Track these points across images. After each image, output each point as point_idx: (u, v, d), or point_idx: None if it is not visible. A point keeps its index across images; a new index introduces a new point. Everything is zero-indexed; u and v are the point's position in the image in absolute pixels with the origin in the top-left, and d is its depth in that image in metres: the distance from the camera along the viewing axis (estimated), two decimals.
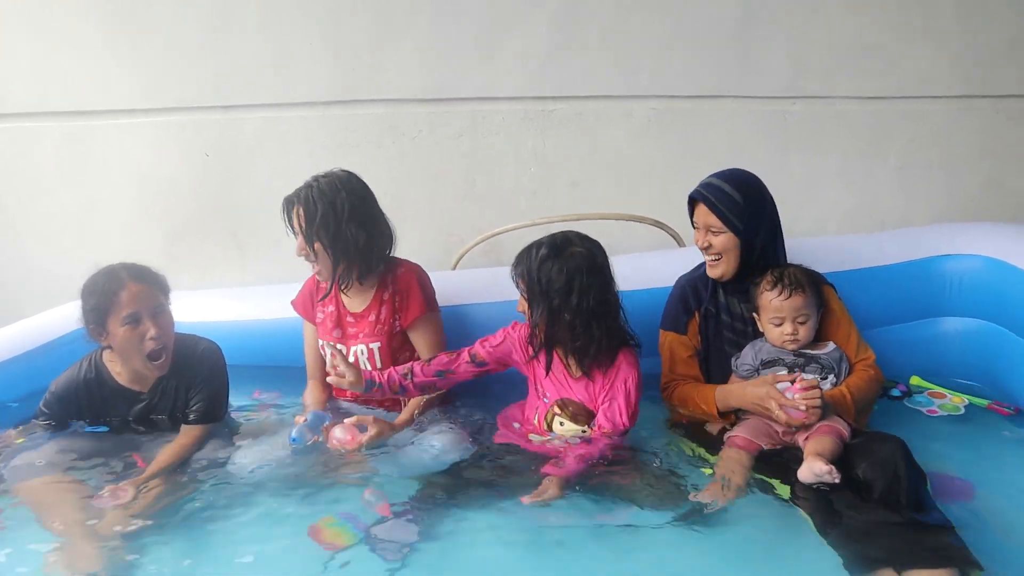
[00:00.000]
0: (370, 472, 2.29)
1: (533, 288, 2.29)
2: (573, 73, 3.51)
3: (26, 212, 3.72)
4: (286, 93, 3.55)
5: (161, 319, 2.40)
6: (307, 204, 2.50)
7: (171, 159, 3.64)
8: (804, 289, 2.35)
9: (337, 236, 2.51)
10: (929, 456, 2.17)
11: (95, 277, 2.38)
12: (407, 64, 3.50)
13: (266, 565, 1.96)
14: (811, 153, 3.56)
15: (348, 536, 2.02)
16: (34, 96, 3.60)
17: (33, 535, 2.02)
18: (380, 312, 2.62)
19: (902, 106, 3.54)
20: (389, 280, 2.65)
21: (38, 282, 3.71)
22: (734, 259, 2.44)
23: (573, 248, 2.30)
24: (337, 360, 2.34)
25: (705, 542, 1.96)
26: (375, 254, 2.59)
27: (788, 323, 2.35)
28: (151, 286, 2.40)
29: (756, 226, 2.43)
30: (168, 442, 2.41)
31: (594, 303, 2.26)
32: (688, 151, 3.56)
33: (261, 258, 3.72)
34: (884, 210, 3.62)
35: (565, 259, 2.27)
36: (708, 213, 2.43)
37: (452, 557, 1.96)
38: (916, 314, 2.98)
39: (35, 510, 2.13)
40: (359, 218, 2.53)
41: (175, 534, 2.06)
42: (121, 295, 2.33)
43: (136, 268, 2.42)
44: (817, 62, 3.48)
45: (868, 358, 2.45)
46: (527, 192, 3.63)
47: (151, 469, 2.27)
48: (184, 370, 2.48)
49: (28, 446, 2.38)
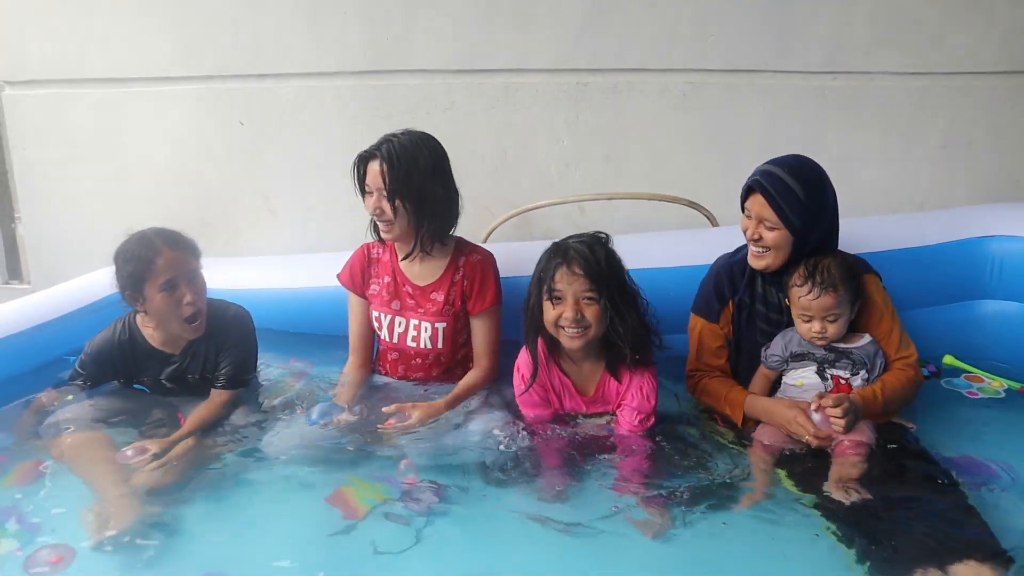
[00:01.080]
0: (407, 448, 2.30)
1: (601, 276, 2.19)
2: (608, 45, 3.46)
3: (62, 177, 3.77)
4: (319, 62, 3.55)
5: (196, 283, 2.45)
6: (390, 159, 2.44)
7: (205, 126, 3.66)
8: (836, 288, 2.21)
9: (421, 193, 2.47)
10: (965, 439, 2.14)
11: (128, 243, 2.41)
12: (440, 35, 3.48)
13: (288, 528, 2.00)
14: (850, 130, 3.48)
15: (374, 493, 2.05)
16: (70, 63, 3.63)
17: (71, 491, 2.07)
18: (450, 293, 2.58)
19: (945, 82, 3.45)
20: (462, 262, 2.60)
21: (73, 246, 3.77)
22: (783, 256, 2.29)
23: (599, 236, 2.29)
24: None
25: (727, 541, 1.94)
26: (451, 217, 2.58)
27: (817, 321, 2.24)
28: (185, 252, 2.44)
29: (814, 227, 2.26)
30: (199, 402, 2.45)
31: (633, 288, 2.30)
32: (723, 127, 3.50)
33: (293, 224, 3.75)
34: (924, 190, 3.54)
35: (606, 246, 2.26)
36: (765, 206, 2.25)
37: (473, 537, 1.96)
38: (954, 296, 2.93)
39: (72, 466, 2.18)
40: (440, 177, 2.51)
41: (204, 495, 2.10)
42: (157, 261, 2.36)
43: (170, 234, 2.45)
44: (859, 36, 3.40)
45: (909, 356, 2.31)
46: (559, 165, 3.60)
47: (179, 432, 2.31)
48: (215, 334, 2.52)
49: (67, 404, 2.43)
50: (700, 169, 3.54)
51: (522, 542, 1.92)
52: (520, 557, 1.88)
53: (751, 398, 2.35)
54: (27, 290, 3.81)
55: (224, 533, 1.97)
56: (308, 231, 3.73)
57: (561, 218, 3.59)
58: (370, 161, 2.49)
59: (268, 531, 1.99)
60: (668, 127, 3.54)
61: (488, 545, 1.93)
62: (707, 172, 3.52)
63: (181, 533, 1.94)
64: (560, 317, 2.20)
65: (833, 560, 1.82)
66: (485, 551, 1.91)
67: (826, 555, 1.84)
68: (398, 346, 2.64)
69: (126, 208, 3.75)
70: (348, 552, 1.90)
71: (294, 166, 3.68)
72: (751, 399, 2.35)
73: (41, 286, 3.44)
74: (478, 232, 3.41)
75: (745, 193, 2.35)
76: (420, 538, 1.91)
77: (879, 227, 2.94)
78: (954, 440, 2.04)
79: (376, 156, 2.47)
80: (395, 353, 2.67)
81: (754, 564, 1.86)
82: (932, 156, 3.51)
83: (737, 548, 1.91)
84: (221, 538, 1.95)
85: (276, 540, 1.95)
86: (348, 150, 3.55)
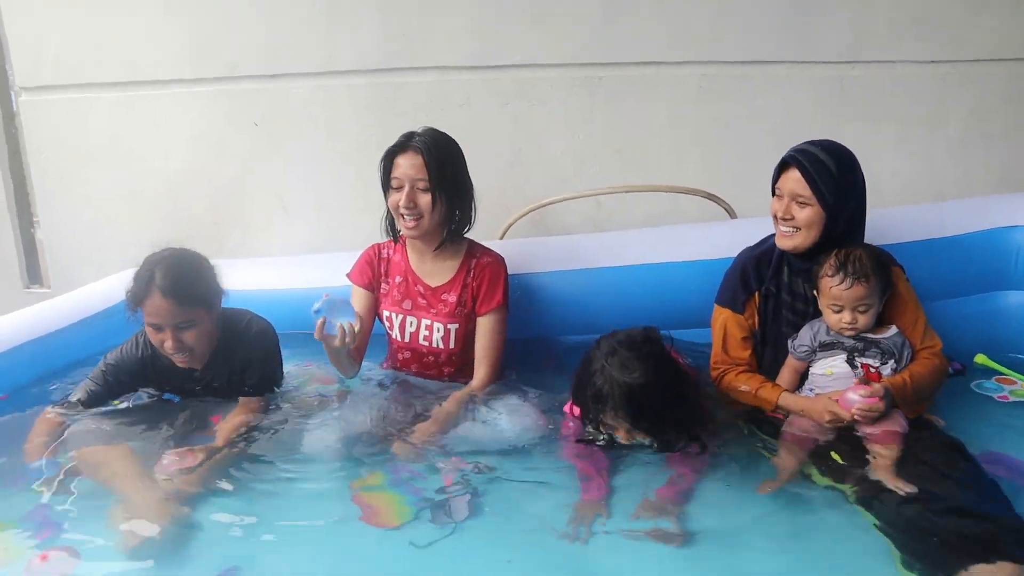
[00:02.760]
0: (434, 448, 2.27)
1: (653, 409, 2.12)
2: (622, 39, 3.44)
3: (79, 180, 3.80)
4: (333, 61, 3.55)
5: (184, 333, 2.30)
6: (428, 152, 2.44)
7: (220, 127, 3.67)
8: (868, 278, 2.20)
9: (455, 186, 2.51)
10: (995, 439, 2.11)
11: (144, 265, 2.30)
12: (454, 31, 3.47)
13: (311, 531, 1.98)
14: (869, 121, 3.44)
15: (402, 512, 2.01)
16: (86, 67, 3.65)
17: (101, 503, 2.04)
18: (462, 294, 2.57)
19: (966, 71, 3.40)
20: (474, 264, 2.60)
21: (92, 248, 3.80)
22: (814, 235, 2.29)
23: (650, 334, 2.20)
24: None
25: (763, 533, 1.91)
26: (472, 213, 2.61)
27: (847, 311, 2.23)
28: (179, 304, 2.26)
29: (844, 204, 2.27)
30: (231, 407, 2.41)
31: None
32: (740, 119, 3.47)
33: (307, 224, 3.75)
34: (944, 180, 3.50)
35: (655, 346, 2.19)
36: (800, 181, 2.26)
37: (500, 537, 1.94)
38: (977, 287, 2.88)
39: (98, 476, 2.14)
40: (466, 172, 2.57)
41: (226, 497, 2.08)
42: (147, 302, 2.26)
43: (173, 278, 2.25)
44: (878, 25, 3.36)
45: (934, 346, 2.30)
46: (575, 160, 3.59)
47: (216, 442, 2.26)
48: (236, 353, 2.45)
49: (89, 414, 2.39)
50: (717, 162, 3.51)
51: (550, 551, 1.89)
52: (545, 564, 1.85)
53: (784, 394, 2.33)
54: (48, 294, 3.84)
55: (244, 533, 1.95)
56: (322, 230, 3.73)
57: (577, 214, 3.57)
58: (401, 154, 2.48)
59: (289, 532, 1.97)
60: (684, 120, 3.51)
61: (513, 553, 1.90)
62: (724, 165, 3.49)
63: (202, 533, 1.93)
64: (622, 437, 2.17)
65: (875, 551, 1.81)
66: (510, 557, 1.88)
67: (868, 545, 1.83)
68: (410, 345, 2.63)
69: (143, 209, 3.78)
70: (371, 556, 1.88)
71: (308, 166, 3.68)
72: (784, 395, 2.33)
73: (61, 290, 3.46)
74: (494, 229, 3.40)
75: (778, 171, 2.35)
76: (448, 547, 1.88)
77: (901, 218, 2.89)
78: (984, 440, 2.01)
79: (410, 149, 2.47)
80: (407, 352, 2.66)
81: (794, 554, 1.85)
82: (953, 145, 3.47)
83: (774, 539, 1.89)
84: (240, 537, 1.93)
85: (296, 541, 1.94)
86: (362, 149, 3.59)
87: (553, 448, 2.28)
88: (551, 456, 2.26)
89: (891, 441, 2.09)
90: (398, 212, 2.51)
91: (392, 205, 2.52)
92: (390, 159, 2.50)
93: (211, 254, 3.61)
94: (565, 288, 2.92)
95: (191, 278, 2.30)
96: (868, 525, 1.88)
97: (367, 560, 1.88)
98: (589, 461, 2.18)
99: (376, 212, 2.64)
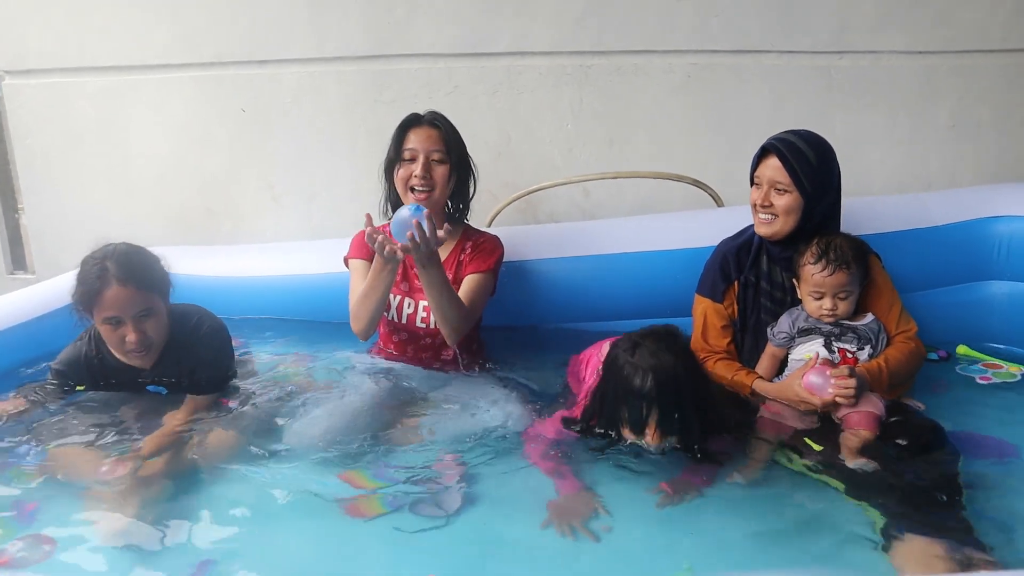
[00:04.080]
0: (425, 437, 2.27)
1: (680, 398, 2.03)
2: (611, 27, 3.43)
3: (64, 167, 3.77)
4: (321, 48, 3.53)
5: (146, 323, 2.24)
6: (444, 125, 2.53)
7: (207, 114, 3.65)
8: (850, 266, 2.24)
9: (463, 161, 2.58)
10: (976, 419, 2.13)
11: (88, 261, 2.24)
12: (442, 18, 3.45)
13: (291, 522, 1.97)
14: (857, 110, 3.45)
15: (383, 503, 1.99)
16: (70, 51, 3.62)
17: (70, 503, 2.02)
18: (457, 272, 2.57)
19: (953, 61, 3.41)
20: (469, 245, 2.61)
21: (76, 235, 3.72)
22: (792, 222, 2.32)
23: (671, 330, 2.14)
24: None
25: (747, 514, 1.93)
26: (472, 193, 2.68)
27: (828, 298, 2.26)
28: (138, 290, 2.20)
29: (822, 193, 2.32)
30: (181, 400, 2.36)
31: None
32: (729, 107, 3.47)
33: (297, 211, 3.74)
34: (932, 170, 3.51)
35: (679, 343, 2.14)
36: (779, 168, 2.30)
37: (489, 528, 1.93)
38: (962, 277, 2.90)
39: (66, 475, 2.11)
40: (468, 153, 2.63)
41: (201, 489, 2.07)
42: (105, 295, 2.18)
43: (127, 265, 2.21)
44: (865, 15, 3.36)
45: (909, 330, 2.34)
46: (563, 149, 3.58)
47: (156, 441, 2.21)
48: (185, 352, 2.38)
49: (53, 412, 2.36)
50: (705, 150, 3.51)
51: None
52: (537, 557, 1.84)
53: (758, 380, 2.36)
54: (32, 280, 3.81)
55: (219, 526, 1.93)
56: (312, 217, 3.72)
57: (565, 201, 3.58)
58: (416, 127, 2.51)
59: (266, 525, 1.95)
60: (673, 109, 3.51)
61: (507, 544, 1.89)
62: (712, 153, 3.49)
63: (176, 527, 1.91)
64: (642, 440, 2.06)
65: (858, 524, 1.84)
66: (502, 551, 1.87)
67: (851, 519, 1.86)
68: (407, 327, 2.62)
69: (129, 196, 3.76)
70: (349, 550, 1.87)
71: (297, 152, 3.66)
72: (758, 381, 2.36)
73: (46, 276, 3.43)
74: (482, 217, 3.39)
75: (757, 159, 2.39)
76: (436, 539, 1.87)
77: (885, 207, 2.91)
78: (965, 422, 2.03)
79: (424, 122, 2.51)
80: (403, 334, 2.64)
81: (779, 532, 1.87)
82: (940, 136, 3.48)
83: (759, 519, 1.91)
84: (215, 530, 1.91)
85: (273, 533, 1.92)
86: (351, 136, 3.59)
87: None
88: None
89: (865, 423, 2.11)
90: (407, 186, 2.51)
91: (402, 179, 2.52)
92: (403, 132, 2.51)
93: (201, 242, 3.65)
94: (552, 276, 2.92)
95: (143, 264, 2.27)
96: (845, 502, 1.91)
97: (346, 553, 1.86)
98: (553, 461, 2.13)
99: (364, 200, 2.63)
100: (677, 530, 1.88)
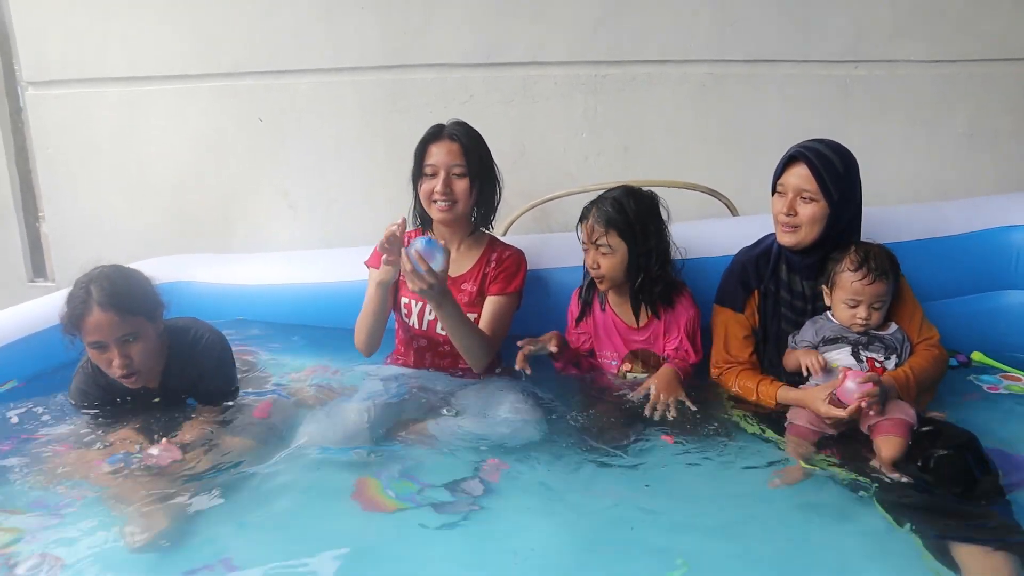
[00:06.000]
0: (442, 442, 2.28)
1: (621, 227, 2.44)
2: (626, 36, 3.44)
3: (84, 176, 3.81)
4: (337, 58, 3.56)
5: (131, 347, 2.21)
6: (463, 139, 2.53)
7: (224, 123, 3.69)
8: (887, 275, 2.23)
9: (487, 172, 2.59)
10: (988, 431, 2.11)
11: (75, 286, 2.23)
12: (458, 28, 3.47)
13: (308, 522, 1.99)
14: (873, 120, 3.45)
15: (398, 492, 2.02)
16: (91, 62, 3.67)
17: (94, 506, 2.03)
18: (481, 284, 2.58)
19: (971, 70, 3.40)
20: (494, 256, 2.62)
21: (96, 243, 3.81)
22: (816, 232, 2.29)
23: (643, 192, 2.51)
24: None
25: (774, 523, 1.93)
26: (497, 203, 2.69)
27: (863, 307, 2.25)
28: (120, 314, 2.17)
29: (847, 202, 2.29)
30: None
31: (665, 243, 2.51)
32: (743, 118, 3.48)
33: (312, 219, 3.76)
34: (948, 180, 3.50)
35: (642, 199, 2.49)
36: (807, 177, 2.27)
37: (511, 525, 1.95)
38: (978, 286, 2.89)
39: (89, 478, 2.11)
40: (493, 161, 2.64)
41: (220, 490, 2.07)
42: (87, 320, 2.16)
43: (110, 290, 2.18)
44: (881, 24, 3.36)
45: (932, 337, 2.33)
46: (578, 158, 3.59)
47: (195, 429, 2.25)
48: (188, 366, 2.38)
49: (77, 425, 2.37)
50: (720, 160, 3.51)
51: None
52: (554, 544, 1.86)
53: (782, 389, 2.33)
54: (51, 288, 3.86)
55: (238, 525, 1.95)
56: (327, 226, 3.74)
57: (580, 210, 3.57)
58: (436, 142, 2.52)
59: (284, 523, 1.97)
60: (687, 118, 3.52)
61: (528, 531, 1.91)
62: (727, 163, 3.50)
63: (195, 526, 1.93)
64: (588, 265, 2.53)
65: (886, 536, 1.83)
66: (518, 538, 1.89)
67: (881, 532, 1.84)
68: (427, 333, 2.62)
69: (147, 205, 3.79)
70: (367, 547, 1.88)
71: (313, 161, 3.69)
72: (783, 390, 2.33)
73: (66, 283, 3.43)
74: (497, 226, 3.41)
75: (782, 167, 2.35)
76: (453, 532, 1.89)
77: (902, 216, 2.90)
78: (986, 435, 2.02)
79: (445, 136, 2.52)
80: (423, 340, 2.64)
81: (809, 543, 1.87)
82: (957, 145, 3.47)
83: (787, 528, 1.90)
84: (233, 529, 1.94)
85: (290, 531, 1.94)
86: (366, 145, 3.61)
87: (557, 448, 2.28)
88: (556, 447, 2.26)
89: (896, 431, 2.08)
90: (430, 200, 2.53)
91: (424, 193, 2.55)
92: (424, 146, 2.53)
93: (217, 250, 3.68)
94: (568, 284, 2.92)
95: (127, 288, 2.24)
96: (877, 512, 1.90)
97: (363, 548, 1.87)
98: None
99: (380, 208, 2.64)
100: (705, 529, 1.89)
